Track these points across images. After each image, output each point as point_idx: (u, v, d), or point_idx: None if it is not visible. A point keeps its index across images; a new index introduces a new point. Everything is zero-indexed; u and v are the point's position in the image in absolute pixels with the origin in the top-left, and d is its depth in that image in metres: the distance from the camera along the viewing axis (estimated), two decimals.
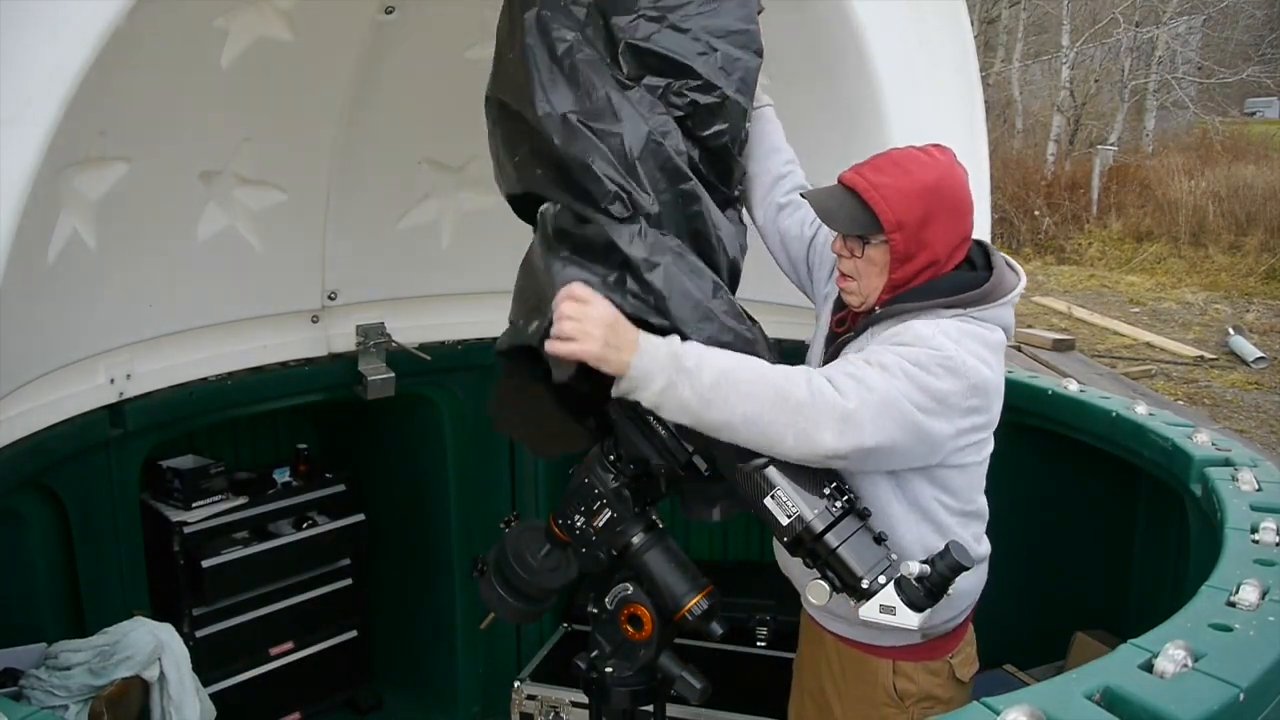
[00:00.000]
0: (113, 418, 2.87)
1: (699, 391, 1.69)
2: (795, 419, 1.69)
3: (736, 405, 1.69)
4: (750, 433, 1.71)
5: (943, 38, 2.84)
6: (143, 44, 2.38)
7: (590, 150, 1.90)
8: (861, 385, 1.73)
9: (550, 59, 1.96)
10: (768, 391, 1.70)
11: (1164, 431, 2.39)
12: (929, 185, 1.87)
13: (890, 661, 2.07)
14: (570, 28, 1.97)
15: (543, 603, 2.27)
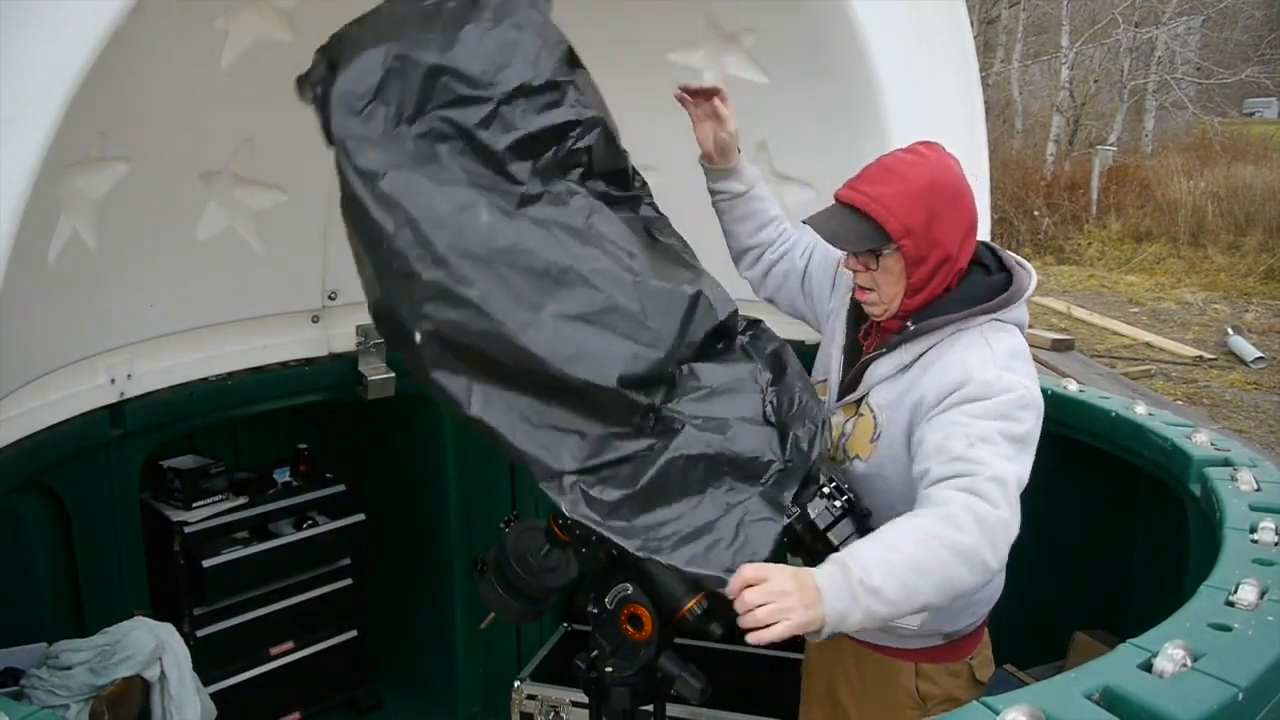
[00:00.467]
0: (113, 418, 2.87)
1: (891, 602, 1.62)
2: (971, 561, 1.64)
3: (925, 589, 1.63)
4: (942, 597, 1.67)
5: (943, 38, 2.84)
6: (143, 44, 2.38)
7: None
8: (999, 484, 1.68)
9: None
10: (943, 556, 1.63)
11: (1163, 431, 2.39)
12: (926, 184, 1.87)
13: (913, 664, 2.07)
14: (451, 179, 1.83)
15: (543, 603, 2.27)
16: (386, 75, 1.78)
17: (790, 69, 3.02)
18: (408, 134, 1.78)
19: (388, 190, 1.73)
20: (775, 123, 3.12)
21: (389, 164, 1.74)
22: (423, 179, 1.75)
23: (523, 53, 1.93)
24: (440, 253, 1.71)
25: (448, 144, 1.82)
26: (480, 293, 1.71)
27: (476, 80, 1.84)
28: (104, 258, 2.68)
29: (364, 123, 1.74)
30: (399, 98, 1.79)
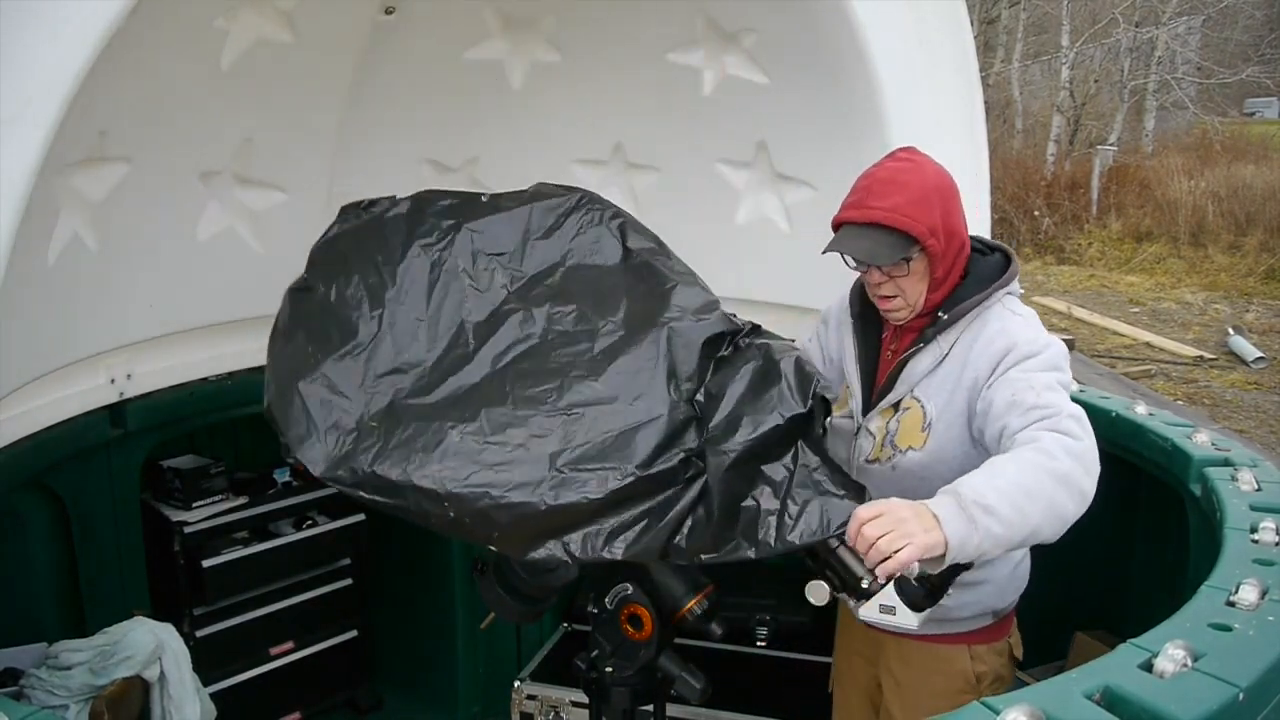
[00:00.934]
0: (113, 418, 2.87)
1: (1007, 522, 1.65)
2: (1070, 488, 1.69)
3: (1034, 512, 1.67)
4: (1050, 525, 1.70)
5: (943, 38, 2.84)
6: (143, 44, 2.38)
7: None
8: (1076, 420, 1.76)
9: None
10: (1046, 481, 1.68)
11: (1164, 431, 2.39)
12: (930, 185, 1.96)
13: (965, 646, 2.11)
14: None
15: (543, 603, 2.27)
16: (304, 401, 2.04)
17: (790, 69, 3.02)
18: (367, 421, 1.98)
19: (380, 483, 1.89)
20: (775, 123, 3.12)
21: (366, 463, 1.91)
22: (397, 452, 1.90)
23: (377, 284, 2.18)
24: (450, 491, 1.82)
25: (396, 396, 2.02)
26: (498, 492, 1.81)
27: (355, 341, 2.08)
28: (104, 258, 2.68)
29: (327, 448, 1.98)
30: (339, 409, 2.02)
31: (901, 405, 2.04)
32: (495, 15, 3.11)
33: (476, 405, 1.92)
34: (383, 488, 1.86)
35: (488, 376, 1.98)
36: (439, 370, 2.02)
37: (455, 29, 3.10)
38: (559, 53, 3.22)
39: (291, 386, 2.03)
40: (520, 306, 2.08)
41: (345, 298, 2.13)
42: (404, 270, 2.14)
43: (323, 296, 2.15)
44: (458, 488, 1.79)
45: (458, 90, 3.24)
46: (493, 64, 3.21)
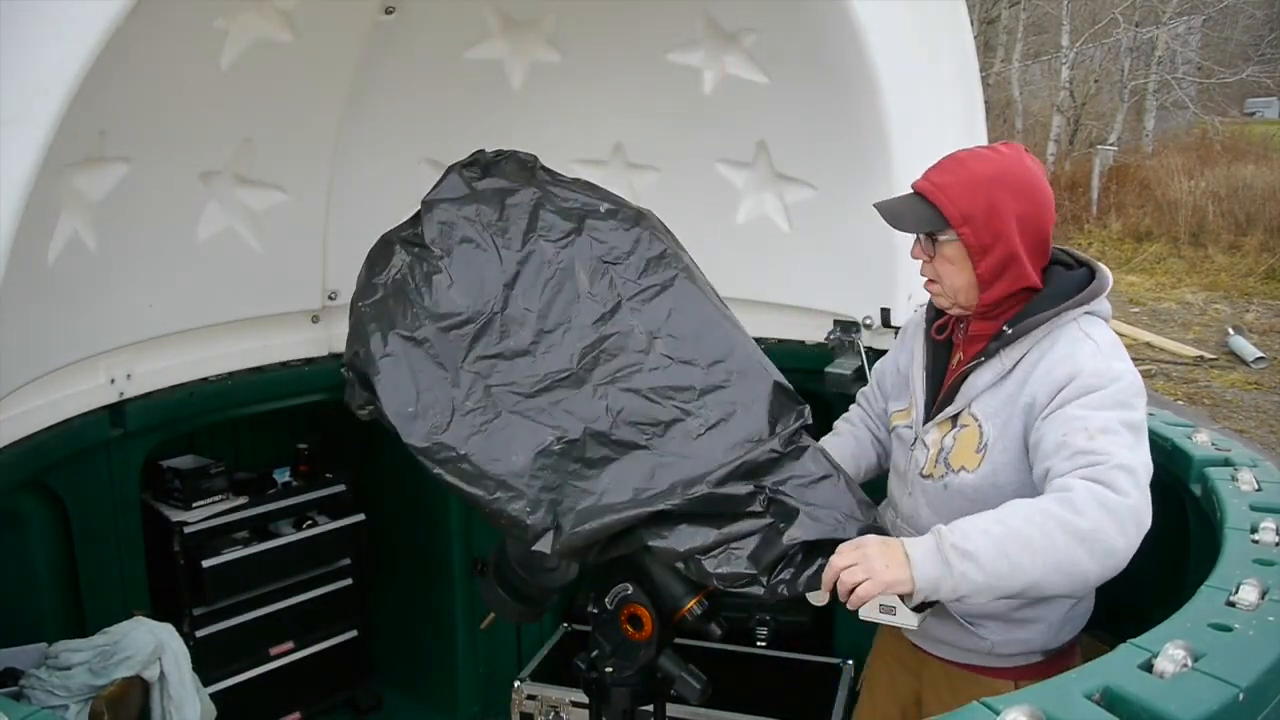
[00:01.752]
0: (113, 418, 2.87)
1: (989, 570, 1.61)
2: (1091, 545, 1.62)
3: (1031, 565, 1.61)
4: (1058, 583, 1.64)
5: (943, 38, 2.84)
6: (143, 44, 2.38)
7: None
8: (1126, 472, 1.65)
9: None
10: (1057, 536, 1.60)
11: (1164, 431, 2.39)
12: (990, 176, 1.86)
13: (1012, 682, 1.99)
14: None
15: (543, 603, 2.27)
16: (413, 367, 1.99)
17: (790, 69, 3.02)
18: (462, 396, 1.96)
19: (470, 468, 1.89)
20: (775, 123, 3.12)
21: (465, 442, 1.91)
22: (496, 439, 1.91)
23: (505, 243, 2.15)
24: (536, 496, 1.84)
25: (495, 376, 2.00)
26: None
27: (472, 315, 2.05)
28: (104, 258, 2.68)
29: (421, 423, 1.95)
30: (431, 376, 1.99)
31: (959, 421, 1.94)
32: (495, 15, 3.11)
33: (577, 419, 1.93)
34: (468, 474, 1.87)
35: (590, 394, 1.97)
36: (543, 370, 2.00)
37: (455, 29, 3.10)
38: (559, 53, 3.22)
39: (393, 344, 1.99)
40: (630, 325, 2.06)
41: (461, 266, 2.10)
42: (523, 259, 2.12)
43: (435, 258, 2.11)
44: (545, 497, 1.83)
45: (458, 90, 3.23)
46: (493, 64, 3.21)
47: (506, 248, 2.13)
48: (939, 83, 2.84)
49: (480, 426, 1.91)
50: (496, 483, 1.85)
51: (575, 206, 2.19)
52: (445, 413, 1.93)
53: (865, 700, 2.41)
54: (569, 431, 1.91)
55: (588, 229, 2.16)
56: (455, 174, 2.27)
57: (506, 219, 2.16)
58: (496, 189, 2.22)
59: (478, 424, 1.91)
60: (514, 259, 2.11)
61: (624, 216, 2.19)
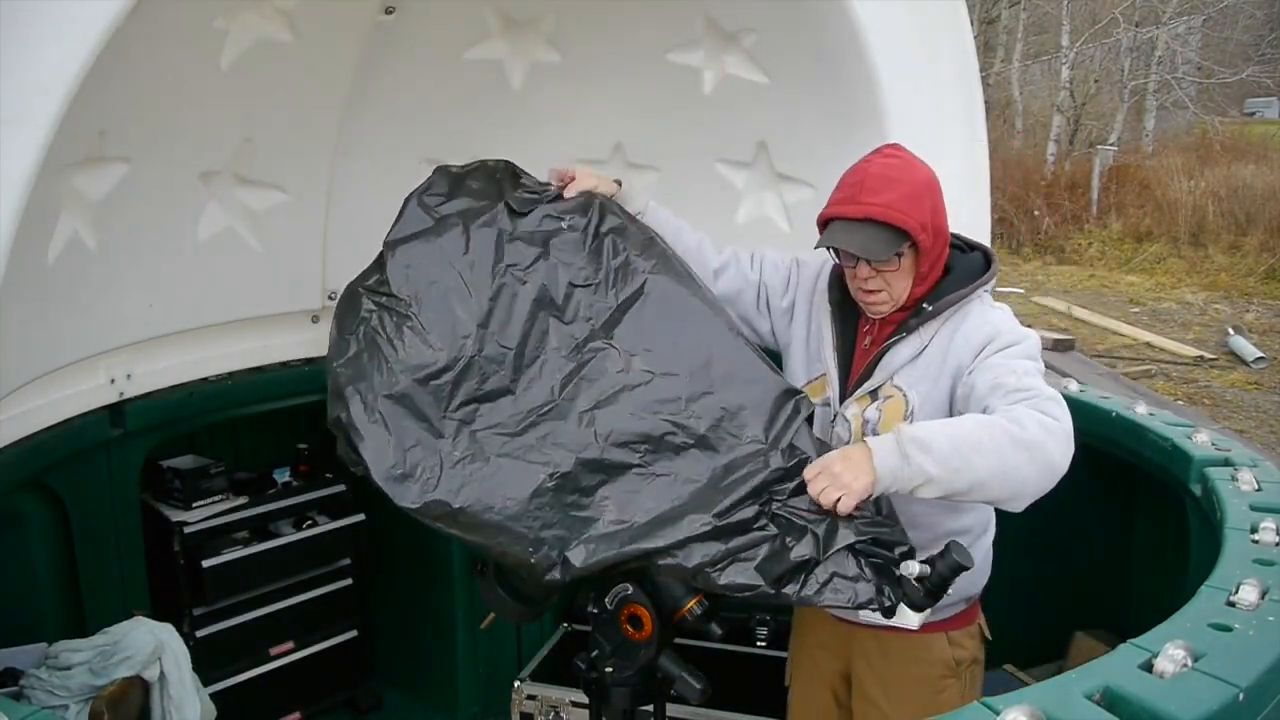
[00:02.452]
0: (113, 418, 2.87)
1: (943, 463, 1.73)
2: (1033, 454, 1.74)
3: (980, 465, 1.74)
4: (1001, 485, 1.76)
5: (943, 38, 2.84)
6: (143, 44, 2.38)
7: None
8: (1056, 402, 1.81)
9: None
10: (1003, 441, 1.74)
11: (1164, 431, 2.39)
12: (923, 181, 2.00)
13: (944, 634, 2.16)
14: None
15: (542, 603, 2.27)
16: (394, 423, 1.97)
17: (790, 69, 3.02)
18: (451, 452, 1.94)
19: (467, 520, 1.89)
20: (775, 123, 3.13)
21: (456, 496, 1.90)
22: (486, 487, 1.90)
23: (474, 277, 2.11)
24: (536, 536, 1.84)
25: (479, 420, 1.98)
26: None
27: (448, 364, 2.00)
28: (104, 258, 2.68)
29: (411, 483, 1.94)
30: (411, 432, 1.97)
31: (881, 393, 2.06)
32: (495, 15, 3.11)
33: (567, 450, 1.92)
34: (466, 525, 1.88)
35: (576, 423, 1.96)
36: (526, 407, 1.99)
37: (455, 29, 3.10)
38: (559, 53, 3.22)
39: (372, 406, 1.97)
40: (606, 346, 2.05)
41: (431, 312, 2.06)
42: (494, 295, 2.07)
43: (403, 305, 2.06)
44: (548, 535, 1.83)
45: (458, 90, 3.24)
46: (493, 64, 3.21)
47: (476, 285, 2.08)
48: (939, 83, 2.84)
49: (470, 477, 1.90)
50: (495, 528, 1.85)
51: (538, 229, 2.15)
52: (434, 468, 1.91)
53: (795, 692, 2.45)
54: (560, 465, 1.90)
55: (553, 250, 2.13)
56: (415, 204, 2.22)
57: (473, 251, 2.12)
58: (461, 212, 2.18)
59: (468, 474, 1.90)
60: (485, 296, 2.07)
61: (586, 228, 2.15)
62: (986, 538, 2.19)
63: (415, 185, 3.40)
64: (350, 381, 1.99)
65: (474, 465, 1.91)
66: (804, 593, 1.75)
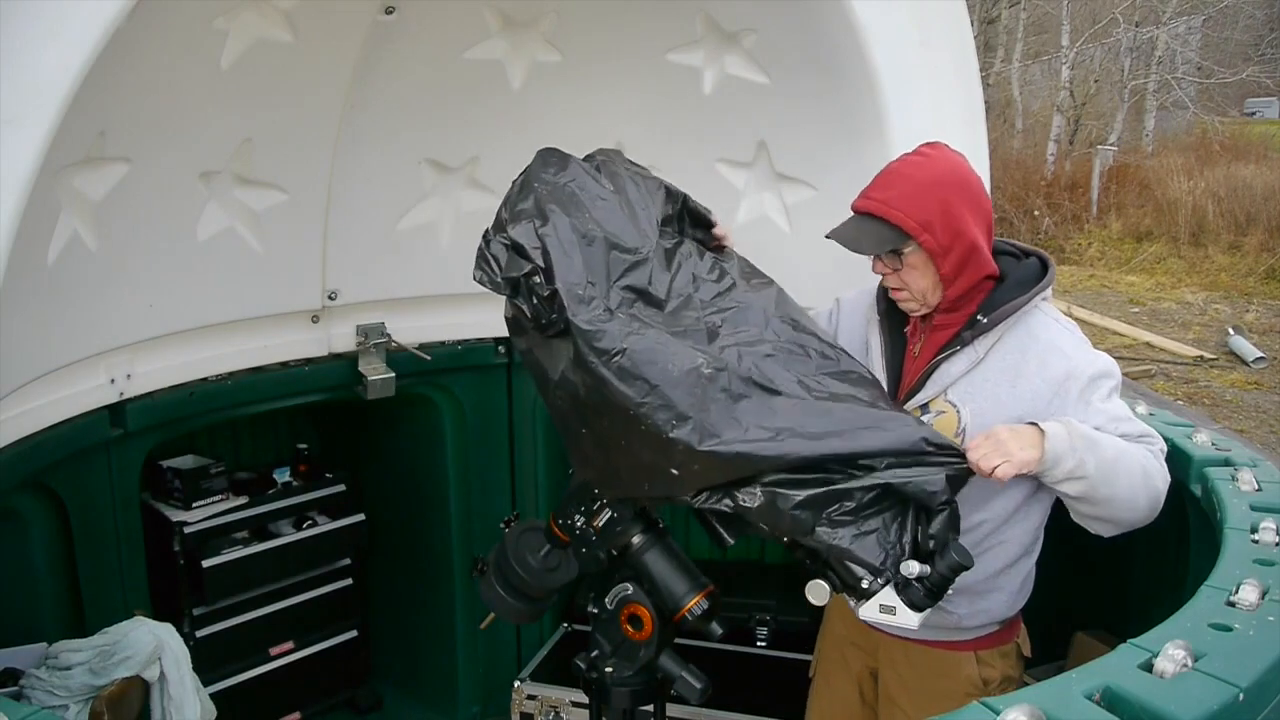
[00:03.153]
0: (113, 418, 2.87)
1: (1100, 466, 1.80)
2: (1150, 489, 1.86)
3: (1123, 483, 1.82)
4: (1121, 508, 1.86)
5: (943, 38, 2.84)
6: (143, 44, 2.38)
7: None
8: (1163, 455, 1.94)
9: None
10: (1138, 468, 1.84)
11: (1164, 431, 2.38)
12: (935, 179, 1.94)
13: (973, 653, 2.13)
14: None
15: (543, 603, 2.27)
16: (585, 258, 1.91)
17: (790, 69, 3.02)
18: (613, 307, 1.90)
19: (628, 365, 1.81)
20: (775, 123, 3.13)
21: (623, 339, 1.83)
22: (651, 345, 1.85)
23: (644, 209, 2.10)
24: (684, 410, 1.79)
25: (636, 308, 1.94)
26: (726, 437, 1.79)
27: (631, 248, 1.99)
28: (104, 258, 2.68)
29: (589, 307, 1.85)
30: (597, 275, 1.93)
31: (933, 407, 2.03)
32: (495, 15, 3.11)
33: (717, 359, 1.89)
34: (622, 370, 1.81)
35: (720, 348, 1.93)
36: (674, 325, 1.97)
37: (455, 29, 3.10)
38: (559, 53, 3.22)
39: (574, 230, 1.94)
40: (748, 300, 2.06)
41: (623, 208, 2.08)
42: (655, 240, 2.08)
43: (605, 188, 2.10)
44: (696, 415, 1.78)
45: (458, 90, 3.24)
46: (493, 64, 3.21)
47: (649, 217, 2.11)
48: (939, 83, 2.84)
49: (639, 330, 1.86)
50: (650, 385, 1.79)
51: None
52: (604, 310, 1.87)
53: (820, 685, 2.44)
54: (716, 360, 1.87)
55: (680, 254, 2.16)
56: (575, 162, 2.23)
57: (645, 196, 2.16)
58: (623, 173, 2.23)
59: (635, 328, 1.86)
60: (653, 228, 2.10)
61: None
62: (1029, 559, 2.14)
63: (415, 186, 3.43)
64: (553, 200, 1.98)
65: (638, 326, 1.87)
66: (839, 533, 1.75)
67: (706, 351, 1.89)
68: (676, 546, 2.07)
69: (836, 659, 2.38)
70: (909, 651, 2.15)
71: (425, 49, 3.11)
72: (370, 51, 3.03)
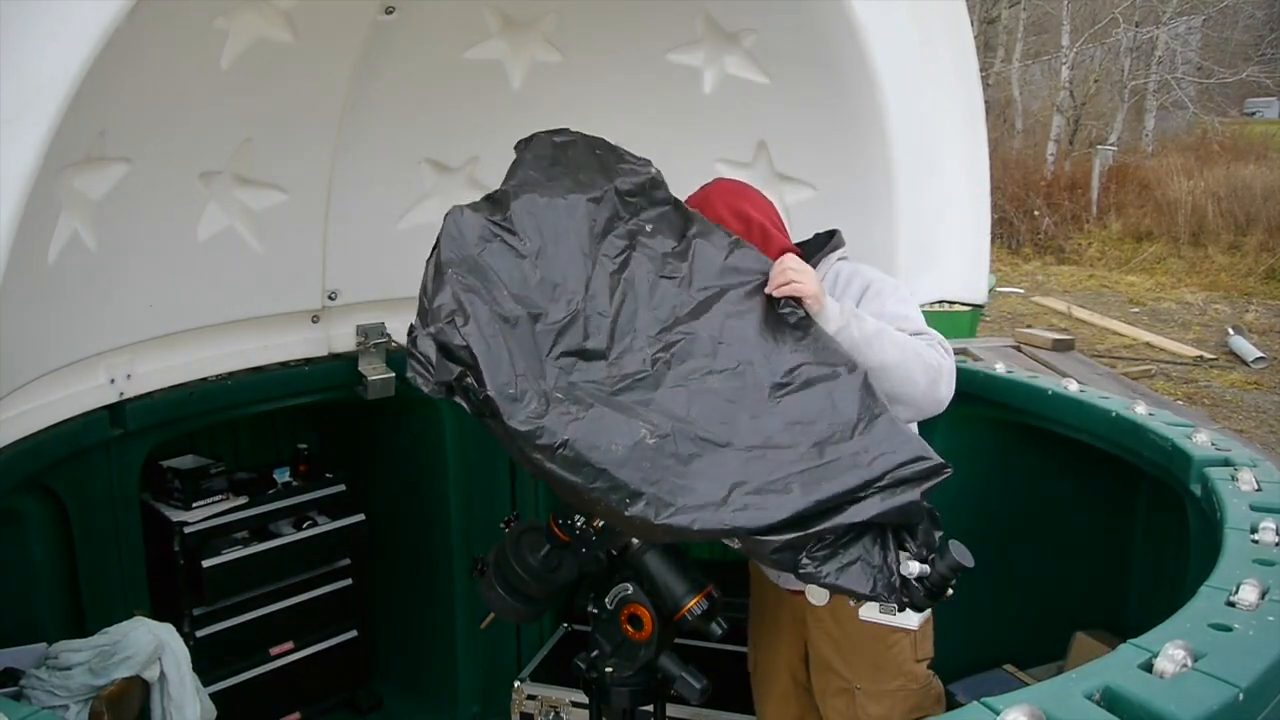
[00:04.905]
0: (113, 418, 2.87)
1: (864, 335, 2.10)
2: (928, 372, 2.14)
3: (890, 353, 2.11)
4: (895, 376, 2.11)
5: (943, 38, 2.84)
6: (143, 44, 2.37)
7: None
8: (946, 348, 2.22)
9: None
10: (908, 347, 2.14)
11: (1164, 431, 2.39)
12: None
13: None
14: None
15: (543, 603, 2.27)
16: (513, 347, 1.90)
17: (790, 69, 3.02)
18: (549, 389, 1.89)
19: (572, 455, 1.81)
20: (775, 123, 3.13)
21: (564, 431, 1.82)
22: (592, 429, 1.84)
23: (578, 227, 2.13)
24: (636, 488, 1.79)
25: (576, 374, 1.95)
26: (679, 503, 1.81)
27: (558, 318, 2.00)
28: (104, 258, 2.68)
29: (523, 405, 1.84)
30: (528, 358, 1.91)
31: None
32: (495, 15, 3.11)
33: (664, 416, 1.90)
34: (568, 461, 1.81)
35: (669, 394, 1.95)
36: (619, 372, 1.98)
37: (455, 29, 3.10)
38: (559, 53, 3.22)
39: (493, 319, 1.92)
40: (694, 330, 2.06)
41: (547, 261, 2.06)
42: (592, 272, 2.09)
43: (524, 245, 2.06)
44: (647, 489, 1.79)
45: (458, 90, 3.24)
46: (493, 64, 3.21)
47: (585, 252, 2.10)
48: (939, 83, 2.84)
49: (577, 415, 1.85)
50: (596, 471, 1.80)
51: (626, 226, 2.19)
52: (540, 399, 1.86)
53: (757, 679, 2.68)
54: (660, 427, 1.87)
55: (640, 246, 2.16)
56: (527, 163, 2.22)
57: (582, 220, 2.14)
58: (574, 180, 2.21)
59: (572, 414, 1.85)
60: (590, 263, 2.09)
61: (673, 228, 2.21)
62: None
63: (415, 185, 3.43)
64: (468, 290, 1.94)
65: (576, 408, 1.86)
66: (823, 570, 1.76)
67: (651, 411, 1.90)
68: (677, 547, 2.07)
69: (768, 650, 2.59)
70: (832, 607, 2.30)
71: (425, 49, 3.11)
72: (370, 51, 3.03)
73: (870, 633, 2.26)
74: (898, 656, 2.35)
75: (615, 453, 1.81)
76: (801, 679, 2.56)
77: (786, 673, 2.57)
